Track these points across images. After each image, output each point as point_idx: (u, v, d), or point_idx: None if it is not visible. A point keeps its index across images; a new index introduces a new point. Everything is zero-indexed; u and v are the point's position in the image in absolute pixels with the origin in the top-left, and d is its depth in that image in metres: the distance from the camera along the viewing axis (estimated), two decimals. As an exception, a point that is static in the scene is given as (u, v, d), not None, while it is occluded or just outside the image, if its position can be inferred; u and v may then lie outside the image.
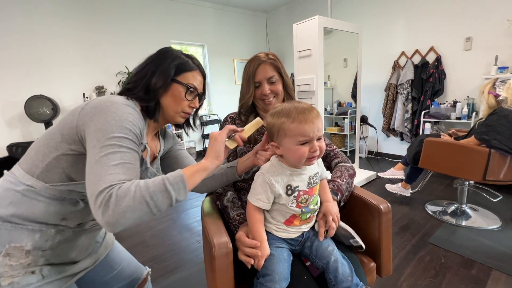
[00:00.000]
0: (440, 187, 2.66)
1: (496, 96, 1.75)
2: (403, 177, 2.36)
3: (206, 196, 1.01)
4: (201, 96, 0.79)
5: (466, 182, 2.04)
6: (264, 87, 0.91)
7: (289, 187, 0.70)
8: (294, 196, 0.70)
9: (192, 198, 2.73)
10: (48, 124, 3.04)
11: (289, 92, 0.97)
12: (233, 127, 0.73)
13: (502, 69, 2.58)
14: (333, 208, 0.76)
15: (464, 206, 2.10)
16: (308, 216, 0.73)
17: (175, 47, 0.79)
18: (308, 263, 0.78)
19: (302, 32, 2.45)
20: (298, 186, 0.70)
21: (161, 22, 4.03)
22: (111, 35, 3.63)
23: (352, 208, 0.95)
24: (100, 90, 3.57)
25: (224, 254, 0.64)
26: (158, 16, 4.00)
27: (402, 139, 3.65)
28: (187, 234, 2.02)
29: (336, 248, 0.73)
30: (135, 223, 0.52)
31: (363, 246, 0.80)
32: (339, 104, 4.03)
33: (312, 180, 0.73)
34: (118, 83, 3.73)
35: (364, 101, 3.84)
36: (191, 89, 0.74)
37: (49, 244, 0.63)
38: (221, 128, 1.00)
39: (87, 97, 3.46)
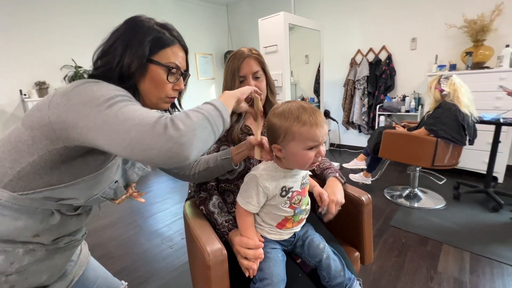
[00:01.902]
0: (395, 174, 2.94)
1: (441, 91, 1.98)
2: (365, 167, 2.55)
3: (186, 200, 0.95)
4: (185, 74, 0.67)
5: (417, 168, 2.29)
6: (249, 82, 0.88)
7: (283, 189, 0.68)
8: (288, 197, 0.69)
9: (157, 201, 2.57)
10: (-25, 126, 2.56)
11: (272, 88, 0.96)
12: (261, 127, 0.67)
13: (441, 67, 2.93)
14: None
15: (416, 189, 2.35)
16: (300, 217, 0.73)
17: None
18: (299, 260, 0.79)
19: (267, 28, 2.45)
20: (292, 187, 0.70)
21: (115, 12, 3.65)
22: (55, 23, 3.17)
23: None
24: (41, 86, 3.11)
25: (220, 262, 0.60)
26: (112, 5, 3.61)
27: (360, 131, 3.93)
28: (157, 241, 1.90)
29: (326, 244, 0.75)
30: (203, 148, 0.48)
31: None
32: (303, 99, 4.17)
33: (304, 180, 0.73)
34: (64, 78, 3.30)
35: (326, 96, 4.02)
36: (173, 70, 0.61)
37: (15, 268, 0.52)
38: None
39: (24, 94, 2.99)
